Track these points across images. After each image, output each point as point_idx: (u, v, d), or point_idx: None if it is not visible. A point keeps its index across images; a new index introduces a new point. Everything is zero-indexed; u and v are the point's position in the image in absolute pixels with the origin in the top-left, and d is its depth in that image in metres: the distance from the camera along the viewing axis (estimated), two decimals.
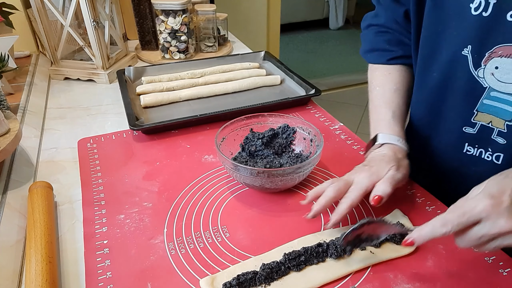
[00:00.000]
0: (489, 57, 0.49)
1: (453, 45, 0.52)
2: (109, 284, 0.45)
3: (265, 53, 1.07)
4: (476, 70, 0.51)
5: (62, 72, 0.99)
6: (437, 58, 0.55)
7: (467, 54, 0.51)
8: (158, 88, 0.87)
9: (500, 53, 0.48)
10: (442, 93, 0.57)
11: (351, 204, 0.48)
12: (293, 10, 4.11)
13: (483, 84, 0.51)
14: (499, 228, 0.37)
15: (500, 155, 0.54)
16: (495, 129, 0.52)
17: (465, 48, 0.51)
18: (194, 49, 1.12)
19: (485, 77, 0.50)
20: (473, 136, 0.55)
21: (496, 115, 0.51)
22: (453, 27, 0.51)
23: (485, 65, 0.50)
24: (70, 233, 0.53)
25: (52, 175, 0.64)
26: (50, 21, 0.94)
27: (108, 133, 0.75)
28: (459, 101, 0.55)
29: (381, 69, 0.65)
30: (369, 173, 0.51)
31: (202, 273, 0.46)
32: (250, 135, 0.63)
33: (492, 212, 0.37)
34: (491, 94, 0.51)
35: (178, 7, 0.99)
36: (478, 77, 0.51)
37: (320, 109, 0.84)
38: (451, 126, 0.57)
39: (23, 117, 0.77)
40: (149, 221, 0.54)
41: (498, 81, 0.49)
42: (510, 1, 0.45)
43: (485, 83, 0.51)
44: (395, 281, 0.45)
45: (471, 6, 0.48)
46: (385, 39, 0.65)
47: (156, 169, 0.65)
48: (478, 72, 0.51)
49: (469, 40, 0.50)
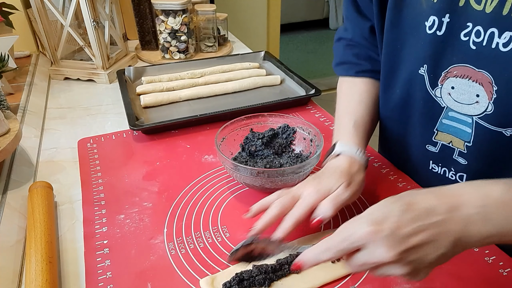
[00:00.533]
0: (445, 76, 0.48)
1: (411, 63, 0.52)
2: (109, 284, 0.45)
3: (265, 53, 1.07)
4: (433, 90, 0.50)
5: (62, 72, 0.99)
6: (397, 76, 0.55)
7: (424, 73, 0.50)
8: (158, 88, 0.87)
9: (456, 73, 0.47)
10: (404, 111, 0.56)
11: (296, 222, 0.45)
12: (293, 10, 4.11)
13: (441, 104, 0.50)
14: (377, 258, 0.34)
15: (463, 175, 0.53)
16: (456, 149, 0.52)
17: (421, 67, 0.50)
18: (194, 49, 1.12)
19: (443, 97, 0.50)
20: (435, 154, 0.55)
21: (456, 135, 0.51)
22: (410, 45, 0.51)
23: (441, 85, 0.49)
24: (70, 233, 0.53)
25: (52, 175, 0.64)
26: (50, 21, 0.94)
27: (108, 133, 0.75)
28: (420, 120, 0.54)
29: (348, 81, 0.64)
30: (317, 188, 0.47)
31: (202, 273, 0.46)
32: (250, 135, 0.63)
33: (371, 240, 0.34)
34: (449, 114, 0.50)
35: (178, 7, 0.99)
36: (435, 97, 0.51)
37: (320, 109, 0.84)
38: (416, 143, 0.57)
39: (23, 117, 0.77)
40: (149, 221, 0.54)
41: (455, 101, 0.49)
42: (463, 20, 0.44)
43: (443, 102, 0.50)
44: (395, 281, 0.45)
45: (426, 24, 0.47)
46: (354, 53, 0.64)
47: (156, 169, 0.65)
48: (435, 92, 0.50)
49: (424, 59, 0.49)
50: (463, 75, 0.46)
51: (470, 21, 0.44)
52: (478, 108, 0.46)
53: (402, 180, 0.61)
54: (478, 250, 0.48)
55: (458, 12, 0.44)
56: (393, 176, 0.62)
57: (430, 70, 0.49)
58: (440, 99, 0.50)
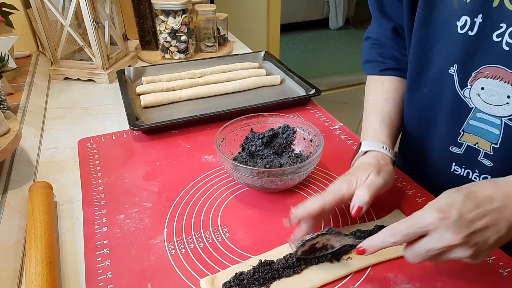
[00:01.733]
0: (475, 77, 0.48)
1: (440, 63, 0.51)
2: (109, 284, 0.45)
3: (265, 53, 1.07)
4: (462, 90, 0.50)
5: (62, 72, 0.99)
6: (425, 75, 0.55)
7: (453, 73, 0.50)
8: (158, 88, 0.87)
9: (486, 73, 0.47)
10: (430, 110, 0.56)
11: (323, 204, 0.46)
12: (293, 10, 4.11)
13: (469, 105, 0.50)
14: (445, 242, 0.37)
15: (488, 177, 0.53)
16: (482, 151, 0.52)
17: (451, 67, 0.50)
18: (194, 49, 1.12)
19: (471, 98, 0.49)
20: (460, 156, 0.55)
21: (482, 137, 0.50)
22: (440, 45, 0.51)
23: (471, 85, 0.49)
24: (70, 233, 0.53)
25: (52, 175, 0.64)
26: (50, 21, 0.94)
27: (108, 133, 0.75)
28: (446, 120, 0.54)
29: (375, 79, 0.64)
30: (347, 180, 0.48)
31: (202, 273, 0.46)
32: (250, 135, 0.63)
33: (439, 225, 0.37)
34: (477, 115, 0.50)
35: (178, 7, 0.99)
36: (464, 97, 0.50)
37: (320, 109, 0.84)
38: (439, 144, 0.57)
39: (23, 117, 0.77)
40: (149, 221, 0.54)
41: (484, 102, 0.48)
42: (496, 21, 0.44)
43: (471, 103, 0.50)
44: (395, 281, 0.45)
45: (458, 24, 0.47)
46: (378, 52, 0.65)
47: (156, 169, 0.65)
48: (464, 92, 0.50)
49: (455, 59, 0.49)
50: (494, 75, 0.46)
51: (504, 22, 0.43)
52: (508, 110, 0.46)
53: (402, 180, 0.61)
54: None
55: (491, 12, 0.44)
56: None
57: (460, 70, 0.49)
58: (468, 100, 0.50)
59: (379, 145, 0.55)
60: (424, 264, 0.47)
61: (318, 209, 0.46)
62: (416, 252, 0.39)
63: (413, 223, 0.38)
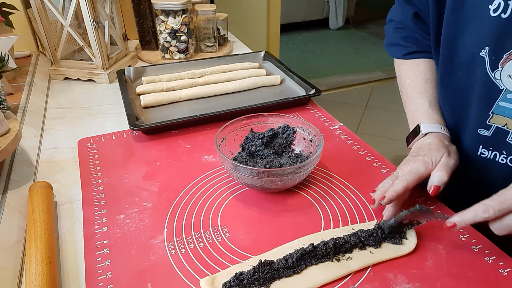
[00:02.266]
0: (506, 59, 0.49)
1: (472, 46, 0.52)
2: (109, 284, 0.45)
3: (265, 53, 1.07)
4: (493, 72, 0.51)
5: (62, 72, 0.99)
6: (457, 60, 0.56)
7: (485, 55, 0.51)
8: (158, 88, 0.87)
9: None
10: (462, 94, 0.57)
11: (407, 185, 0.50)
12: (293, 10, 4.11)
13: (499, 86, 0.51)
14: None
15: None
16: (510, 131, 0.53)
17: (483, 49, 0.51)
18: (194, 49, 1.12)
19: (502, 79, 0.50)
20: (488, 138, 0.55)
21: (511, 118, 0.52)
22: (472, 28, 0.52)
23: (502, 67, 0.50)
24: (70, 233, 0.53)
25: (52, 175, 0.64)
26: (50, 21, 0.94)
27: (108, 133, 0.75)
28: (476, 103, 0.55)
29: (407, 62, 0.67)
30: (423, 161, 0.52)
31: (202, 273, 0.46)
32: (250, 135, 0.63)
33: None
34: (508, 96, 0.51)
35: (178, 7, 0.99)
36: (495, 79, 0.51)
37: (320, 109, 0.84)
38: (468, 127, 0.58)
39: (23, 117, 0.77)
40: (149, 221, 0.54)
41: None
42: None
43: (502, 85, 0.51)
44: (395, 281, 0.45)
45: (490, 8, 0.48)
46: (401, 35, 0.67)
47: (156, 169, 0.65)
48: (495, 74, 0.51)
49: (487, 42, 0.50)
50: None
51: None
52: None
53: None
54: (478, 250, 0.49)
55: None
56: None
57: (491, 53, 0.50)
58: (499, 81, 0.51)
59: (437, 126, 0.58)
60: (424, 264, 0.47)
61: (403, 189, 0.50)
62: (505, 225, 0.43)
63: (506, 199, 0.42)
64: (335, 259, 0.47)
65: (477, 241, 0.50)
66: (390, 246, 0.49)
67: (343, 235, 0.49)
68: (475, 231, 0.51)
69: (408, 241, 0.49)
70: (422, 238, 0.50)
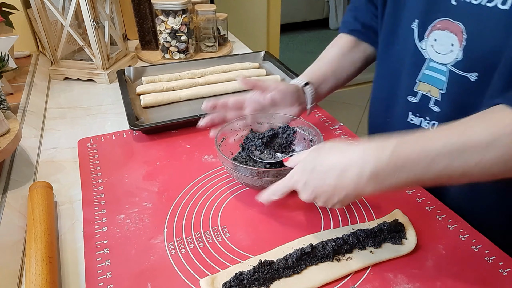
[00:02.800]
0: (431, 30, 0.55)
1: (406, 20, 0.58)
2: (109, 284, 0.45)
3: (265, 53, 1.07)
4: (420, 42, 0.57)
5: (62, 72, 0.99)
6: (395, 33, 0.61)
7: (415, 27, 0.57)
8: (158, 88, 0.87)
9: (439, 26, 0.54)
10: (397, 65, 0.62)
11: None
12: (293, 10, 4.11)
13: (424, 55, 0.57)
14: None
15: (435, 123, 0.59)
16: (432, 98, 0.58)
17: (413, 22, 0.57)
18: (194, 49, 1.12)
19: (427, 49, 0.56)
20: (415, 105, 0.61)
21: (433, 85, 0.57)
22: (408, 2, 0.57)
23: (427, 38, 0.56)
24: (70, 233, 0.53)
25: (52, 175, 0.64)
26: (50, 21, 0.94)
27: (108, 133, 0.75)
28: (406, 72, 0.60)
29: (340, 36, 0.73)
30: None
31: (202, 273, 0.46)
32: (250, 135, 0.63)
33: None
34: (430, 65, 0.56)
35: (178, 7, 0.99)
36: (421, 49, 0.57)
37: (320, 109, 0.84)
38: (399, 96, 0.63)
39: (23, 117, 0.77)
40: (149, 221, 0.54)
41: (436, 52, 0.55)
42: None
43: (426, 54, 0.56)
44: (395, 281, 0.45)
45: None
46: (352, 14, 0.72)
47: (156, 169, 0.65)
48: (422, 44, 0.57)
49: (417, 15, 0.56)
50: (444, 27, 0.53)
51: None
52: (451, 56, 0.53)
53: None
54: (478, 250, 0.49)
55: None
56: None
57: (420, 24, 0.56)
58: (424, 51, 0.57)
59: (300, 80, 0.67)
60: (424, 264, 0.47)
61: None
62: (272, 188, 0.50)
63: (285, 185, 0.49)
64: (335, 259, 0.47)
65: (477, 241, 0.50)
66: (390, 246, 0.49)
67: (343, 235, 0.49)
68: (475, 231, 0.51)
69: (408, 241, 0.49)
70: (422, 238, 0.50)
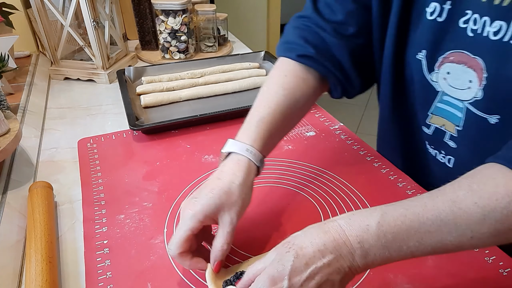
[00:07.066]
0: (442, 62, 0.49)
1: (410, 48, 0.52)
2: (109, 284, 0.45)
3: (265, 53, 1.07)
4: (430, 74, 0.51)
5: (62, 72, 0.99)
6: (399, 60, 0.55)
7: (422, 58, 0.51)
8: (158, 88, 0.87)
9: (452, 58, 0.48)
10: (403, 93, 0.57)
11: None
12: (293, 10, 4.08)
13: (436, 88, 0.52)
14: None
15: (452, 159, 0.54)
16: (447, 132, 0.53)
17: (420, 52, 0.51)
18: (194, 49, 1.11)
19: (439, 81, 0.51)
20: (429, 136, 0.56)
21: (448, 119, 0.52)
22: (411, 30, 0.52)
23: (438, 70, 0.50)
24: (70, 233, 0.53)
25: (52, 175, 0.64)
26: (50, 21, 0.94)
27: (108, 133, 0.75)
28: (417, 102, 0.56)
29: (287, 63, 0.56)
30: None
31: (202, 273, 0.46)
32: None
33: None
34: (444, 98, 0.52)
35: (178, 7, 0.99)
36: (431, 81, 0.52)
37: (320, 109, 0.84)
38: (413, 124, 0.58)
39: (23, 117, 0.77)
40: (149, 221, 0.54)
41: (449, 86, 0.50)
42: (463, 8, 0.45)
43: (439, 87, 0.51)
44: (395, 281, 0.45)
45: (427, 10, 0.48)
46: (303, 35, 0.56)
47: (156, 169, 0.65)
48: (432, 76, 0.51)
49: (424, 45, 0.50)
50: (459, 61, 0.47)
51: (470, 9, 0.45)
52: (470, 94, 0.48)
53: (402, 180, 0.61)
54: (478, 250, 0.48)
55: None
56: (393, 176, 0.62)
57: (428, 55, 0.50)
58: (436, 84, 0.51)
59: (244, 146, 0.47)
60: (424, 264, 0.47)
61: None
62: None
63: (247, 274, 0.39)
64: None
65: None
66: None
67: None
68: None
69: None
70: None
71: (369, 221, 0.36)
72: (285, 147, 0.70)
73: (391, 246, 0.36)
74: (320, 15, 0.55)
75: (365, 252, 0.36)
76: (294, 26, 0.57)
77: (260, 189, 0.60)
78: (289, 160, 0.67)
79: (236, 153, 0.47)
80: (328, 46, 0.54)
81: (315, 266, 0.35)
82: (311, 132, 0.75)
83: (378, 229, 0.36)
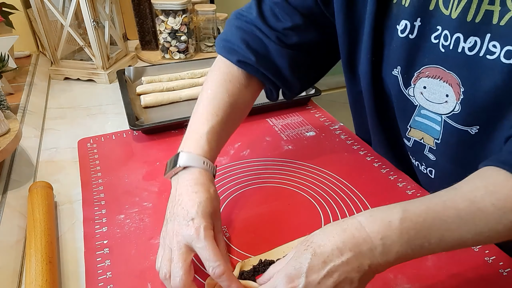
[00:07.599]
0: (417, 77, 0.49)
1: (386, 64, 0.52)
2: (109, 284, 0.45)
3: None
4: (407, 89, 0.51)
5: (62, 72, 0.99)
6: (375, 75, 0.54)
7: (397, 74, 0.51)
8: (158, 88, 0.87)
9: (427, 73, 0.48)
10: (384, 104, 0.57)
11: None
12: None
13: (413, 102, 0.52)
14: None
15: (433, 170, 0.56)
16: (427, 145, 0.54)
17: (395, 68, 0.51)
18: (194, 49, 1.11)
19: (415, 96, 0.51)
20: (410, 148, 0.58)
21: (427, 133, 0.53)
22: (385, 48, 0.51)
23: (414, 84, 0.50)
24: (70, 233, 0.53)
25: (52, 175, 0.64)
26: (50, 21, 0.94)
27: (108, 133, 0.75)
28: (396, 115, 0.56)
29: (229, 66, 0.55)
30: None
31: (202, 273, 0.46)
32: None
33: None
34: (422, 112, 0.52)
35: (178, 7, 0.99)
36: (409, 96, 0.52)
37: (320, 109, 0.84)
38: (395, 135, 0.59)
39: (23, 117, 0.77)
40: (149, 221, 0.54)
41: (426, 100, 0.50)
42: (434, 24, 0.45)
43: (416, 101, 0.52)
44: (395, 281, 0.45)
45: (398, 28, 0.48)
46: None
47: (156, 169, 0.65)
48: (408, 91, 0.51)
49: (398, 62, 0.50)
50: (434, 75, 0.47)
51: (440, 25, 0.45)
52: (447, 108, 0.48)
53: (402, 180, 0.61)
54: (478, 250, 0.49)
55: (428, 15, 0.45)
56: (393, 176, 0.62)
57: (403, 71, 0.50)
58: (413, 98, 0.52)
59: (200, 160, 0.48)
60: (424, 264, 0.47)
61: None
62: None
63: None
64: None
65: None
66: None
67: None
68: None
69: None
70: None
71: (391, 217, 0.36)
72: (285, 147, 0.70)
73: (413, 243, 0.36)
74: (264, 21, 0.54)
75: (386, 249, 0.35)
76: (236, 25, 0.56)
77: (260, 189, 0.60)
78: (289, 160, 0.67)
79: (194, 167, 0.47)
80: (270, 53, 0.54)
81: (332, 264, 0.35)
82: (311, 132, 0.75)
83: (401, 225, 0.35)
